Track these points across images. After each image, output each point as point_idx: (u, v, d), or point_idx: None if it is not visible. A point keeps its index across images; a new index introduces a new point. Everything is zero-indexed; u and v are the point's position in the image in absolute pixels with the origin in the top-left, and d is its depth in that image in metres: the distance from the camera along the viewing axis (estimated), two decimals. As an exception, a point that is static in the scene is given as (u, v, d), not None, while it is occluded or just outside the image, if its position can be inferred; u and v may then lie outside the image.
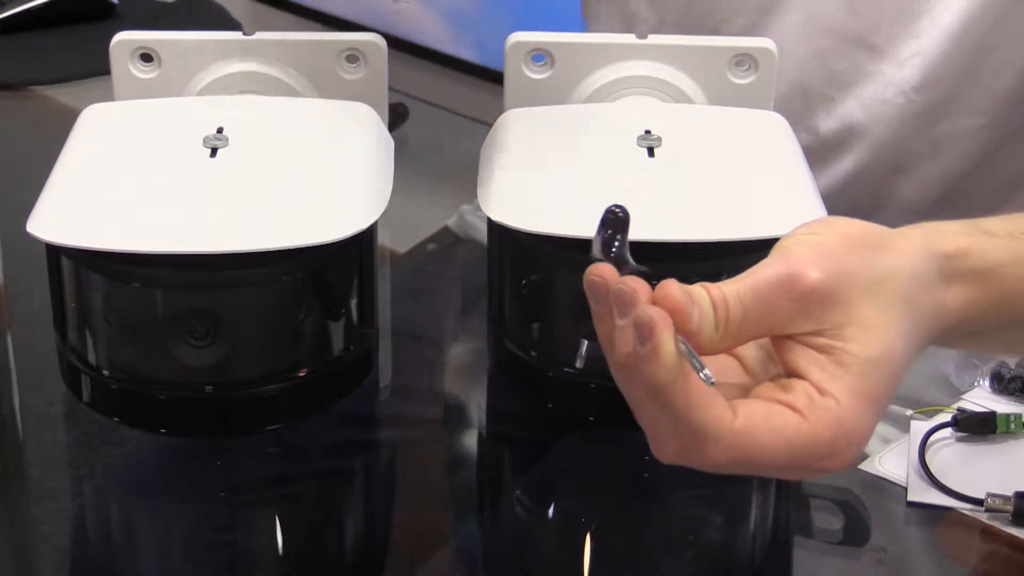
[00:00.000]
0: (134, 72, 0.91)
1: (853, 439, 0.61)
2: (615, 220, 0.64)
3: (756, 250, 0.78)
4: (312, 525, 0.82)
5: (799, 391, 0.61)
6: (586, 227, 0.76)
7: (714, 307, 0.61)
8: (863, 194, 1.07)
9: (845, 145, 1.06)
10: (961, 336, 0.68)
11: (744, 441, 0.60)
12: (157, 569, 0.81)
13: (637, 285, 0.60)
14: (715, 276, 0.78)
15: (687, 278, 0.72)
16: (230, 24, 1.47)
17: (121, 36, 0.91)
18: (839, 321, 0.62)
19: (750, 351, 0.65)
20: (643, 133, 0.83)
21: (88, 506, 0.84)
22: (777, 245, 0.64)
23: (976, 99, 1.03)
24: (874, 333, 0.62)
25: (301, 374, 0.81)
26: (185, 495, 0.83)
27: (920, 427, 0.85)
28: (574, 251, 0.77)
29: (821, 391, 0.61)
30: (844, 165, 1.06)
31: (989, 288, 0.66)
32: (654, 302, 0.60)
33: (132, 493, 0.85)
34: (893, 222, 0.67)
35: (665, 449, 0.62)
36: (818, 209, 0.79)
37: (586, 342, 0.70)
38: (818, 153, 1.05)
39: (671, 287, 0.60)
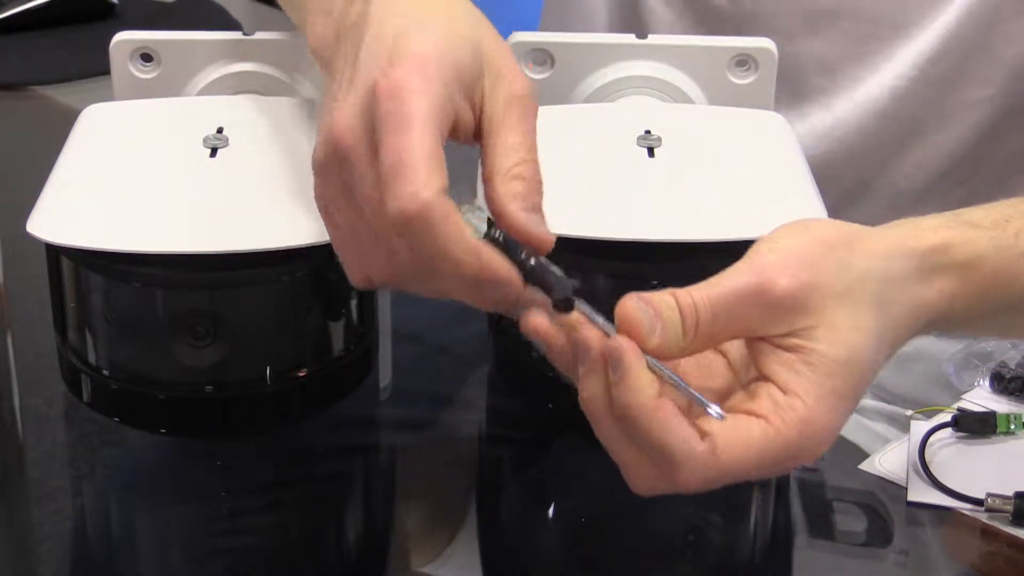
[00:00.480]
0: (134, 72, 0.91)
1: (821, 437, 0.62)
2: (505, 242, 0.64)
3: (756, 250, 0.78)
4: (312, 525, 0.81)
5: (763, 396, 0.62)
6: (586, 227, 0.76)
7: (682, 315, 0.62)
8: (868, 165, 1.07)
9: (859, 121, 1.06)
10: (950, 325, 0.68)
11: (712, 462, 0.61)
12: (157, 569, 0.81)
13: (587, 334, 0.61)
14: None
15: (687, 278, 0.72)
16: (230, 24, 1.47)
17: (121, 36, 0.91)
18: (808, 324, 0.62)
19: (734, 347, 0.65)
20: (643, 133, 0.83)
21: (88, 506, 0.84)
22: (751, 249, 0.64)
23: (985, 68, 1.03)
24: (842, 335, 0.63)
25: (301, 374, 0.81)
26: (185, 495, 0.83)
27: (920, 427, 0.85)
28: (574, 251, 0.77)
29: (786, 391, 0.62)
30: (853, 137, 1.06)
31: (973, 279, 0.67)
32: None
33: (132, 493, 0.85)
34: (896, 195, 0.68)
35: (639, 480, 0.63)
36: (818, 209, 0.79)
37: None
38: (830, 130, 1.05)
39: (628, 308, 0.61)
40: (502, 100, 0.68)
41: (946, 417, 0.86)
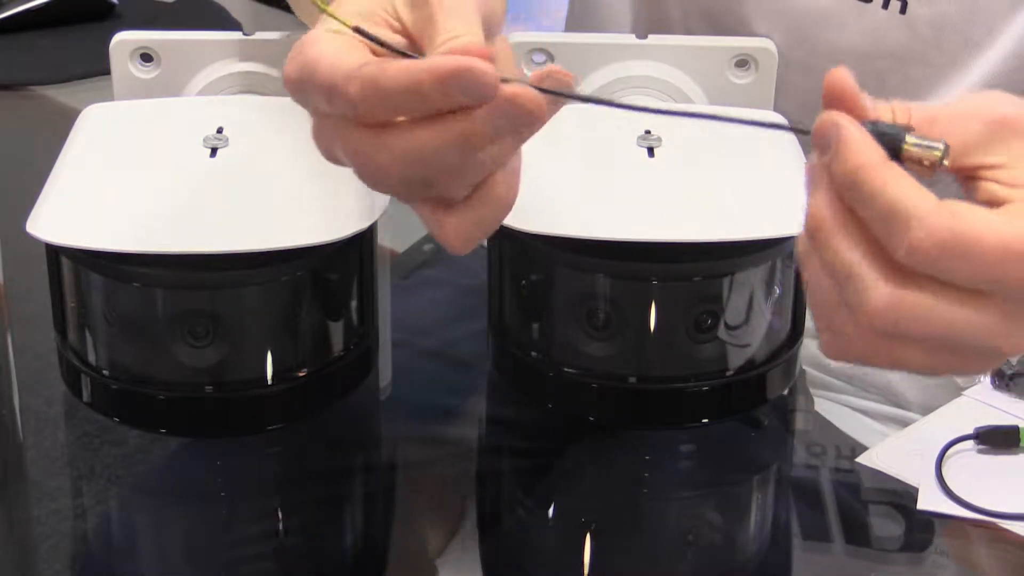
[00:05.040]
0: (134, 72, 0.91)
1: None
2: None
3: (757, 250, 0.78)
4: (312, 526, 0.82)
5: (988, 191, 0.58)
6: (586, 227, 0.76)
7: (893, 112, 0.59)
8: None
9: None
10: None
11: (948, 223, 0.54)
12: (157, 569, 0.81)
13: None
14: (715, 276, 0.79)
15: (688, 278, 0.73)
16: (230, 24, 1.47)
17: (121, 36, 0.91)
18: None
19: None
20: (643, 133, 0.83)
21: (88, 506, 0.84)
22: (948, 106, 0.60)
23: None
24: None
25: (301, 374, 0.81)
26: (185, 495, 0.83)
27: (937, 436, 0.84)
28: (574, 251, 0.77)
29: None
30: None
31: None
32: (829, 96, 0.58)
33: (132, 493, 0.85)
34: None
35: (877, 291, 0.56)
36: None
37: None
38: None
39: (843, 78, 0.58)
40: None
41: (966, 428, 0.84)
